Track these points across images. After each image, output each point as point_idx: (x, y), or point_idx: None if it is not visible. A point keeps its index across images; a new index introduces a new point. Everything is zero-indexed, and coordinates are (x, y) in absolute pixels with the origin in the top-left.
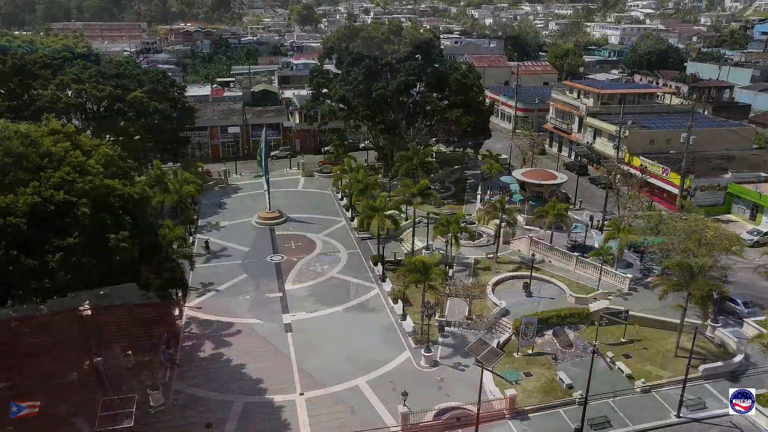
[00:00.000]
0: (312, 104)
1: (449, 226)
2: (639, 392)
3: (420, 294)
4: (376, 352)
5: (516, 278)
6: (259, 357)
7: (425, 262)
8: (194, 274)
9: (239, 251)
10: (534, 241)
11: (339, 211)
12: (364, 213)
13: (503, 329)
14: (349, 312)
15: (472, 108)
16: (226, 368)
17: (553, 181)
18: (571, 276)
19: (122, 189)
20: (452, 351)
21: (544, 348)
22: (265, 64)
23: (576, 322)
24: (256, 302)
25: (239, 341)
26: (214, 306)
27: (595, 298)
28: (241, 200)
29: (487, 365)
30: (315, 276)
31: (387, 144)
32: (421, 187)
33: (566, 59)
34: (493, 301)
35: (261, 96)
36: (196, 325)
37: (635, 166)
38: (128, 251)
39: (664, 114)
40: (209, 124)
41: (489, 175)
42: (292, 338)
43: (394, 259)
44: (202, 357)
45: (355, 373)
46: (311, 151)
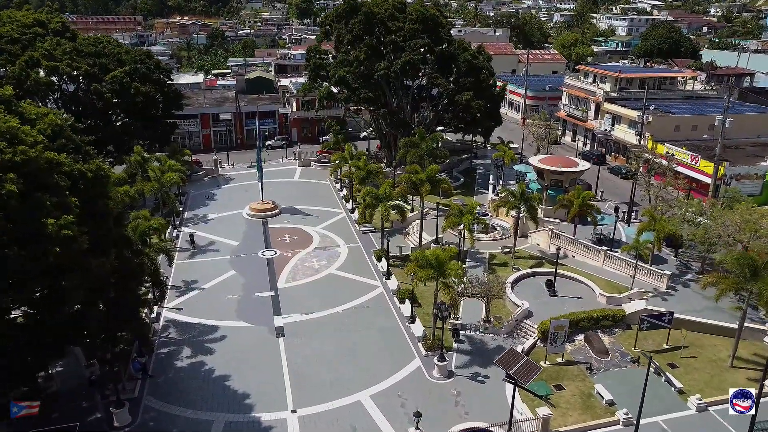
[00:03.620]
0: (309, 87)
1: (462, 217)
2: (694, 411)
3: (430, 293)
4: (380, 360)
5: (537, 275)
6: (246, 366)
7: (439, 256)
8: (176, 270)
9: (228, 246)
10: (555, 234)
11: (338, 203)
12: (366, 203)
13: (526, 333)
14: (349, 314)
15: (482, 92)
16: (206, 380)
17: (575, 168)
18: (599, 273)
19: (71, 165)
20: (469, 359)
21: (576, 356)
22: (263, 57)
23: (610, 326)
24: (245, 303)
25: (223, 348)
26: (196, 307)
27: (629, 298)
28: (232, 191)
29: (522, 382)
30: (311, 273)
31: (390, 131)
32: (430, 173)
33: (574, 49)
34: (514, 301)
35: (256, 83)
36: (174, 328)
37: (660, 154)
38: (72, 241)
39: (688, 100)
40: (200, 112)
41: (502, 163)
42: (284, 344)
43: (399, 254)
44: (180, 366)
45: (356, 385)
46: (309, 141)
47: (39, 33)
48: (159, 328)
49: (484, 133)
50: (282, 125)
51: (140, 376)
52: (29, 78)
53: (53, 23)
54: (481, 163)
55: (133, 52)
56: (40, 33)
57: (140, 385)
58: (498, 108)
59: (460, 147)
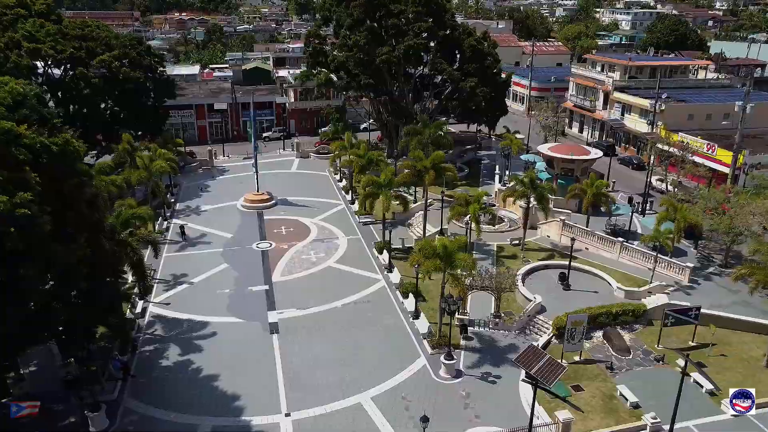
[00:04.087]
0: (307, 74)
1: (469, 206)
2: (729, 415)
3: (435, 287)
4: (382, 359)
5: (550, 268)
6: (236, 365)
7: (447, 246)
8: (165, 263)
9: (220, 238)
10: (567, 224)
11: (337, 194)
12: (366, 192)
13: (539, 330)
14: (348, 309)
15: (487, 79)
16: (193, 380)
17: (587, 156)
18: (615, 265)
19: (33, 138)
20: (479, 357)
21: (594, 354)
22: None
23: (630, 321)
24: (237, 297)
25: (213, 345)
26: (185, 301)
27: (649, 292)
28: (227, 183)
29: (545, 383)
30: (308, 266)
31: (392, 120)
32: (435, 159)
33: (578, 41)
34: (525, 295)
35: (253, 74)
36: (161, 324)
37: (675, 142)
38: (27, 220)
39: (700, 89)
40: (195, 102)
41: (509, 151)
42: (279, 341)
43: (402, 245)
44: (165, 366)
45: (356, 386)
46: (308, 133)
47: (21, 14)
48: (144, 325)
49: (489, 122)
50: (279, 116)
51: (121, 375)
52: (8, 60)
53: (37, 5)
54: (485, 154)
55: (122, 37)
56: (23, 14)
57: (120, 386)
58: (503, 96)
59: (464, 138)
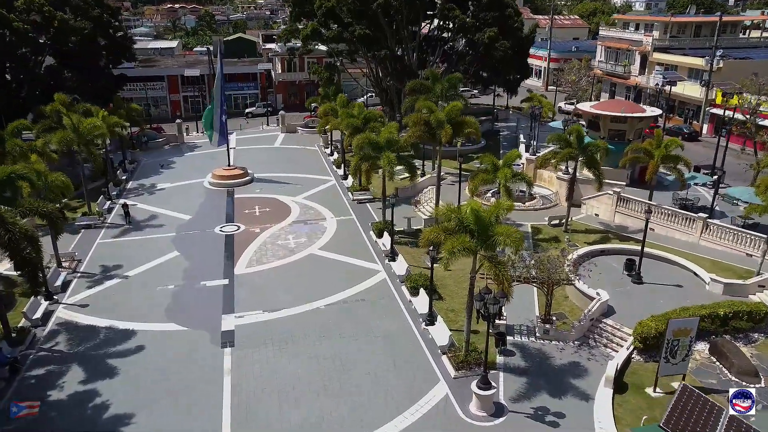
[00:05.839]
0: (292, 29)
1: (498, 172)
2: None
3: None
4: (383, 385)
5: (609, 254)
6: (162, 399)
7: (481, 217)
8: (97, 251)
9: (175, 220)
10: (623, 198)
11: (327, 169)
12: (361, 154)
13: (609, 340)
14: (335, 310)
15: (507, 32)
16: (93, 421)
17: (643, 114)
18: (695, 250)
19: None
20: (527, 383)
21: (703, 379)
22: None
23: (746, 329)
24: (183, 296)
25: (133, 367)
26: (110, 302)
27: (761, 286)
28: (195, 159)
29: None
30: (285, 253)
31: (393, 84)
32: (451, 111)
33: (594, 19)
34: (582, 290)
35: (236, 45)
36: (67, 335)
37: (736, 106)
38: None
39: (757, 49)
40: (167, 73)
41: (540, 111)
42: (232, 360)
43: (408, 227)
44: (54, 401)
45: (343, 431)
46: (296, 109)
47: None
48: (43, 336)
49: (509, 85)
50: (264, 90)
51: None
52: None
53: None
54: (504, 125)
55: None
56: None
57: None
58: (527, 55)
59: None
